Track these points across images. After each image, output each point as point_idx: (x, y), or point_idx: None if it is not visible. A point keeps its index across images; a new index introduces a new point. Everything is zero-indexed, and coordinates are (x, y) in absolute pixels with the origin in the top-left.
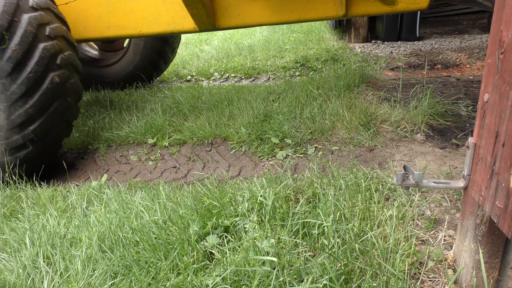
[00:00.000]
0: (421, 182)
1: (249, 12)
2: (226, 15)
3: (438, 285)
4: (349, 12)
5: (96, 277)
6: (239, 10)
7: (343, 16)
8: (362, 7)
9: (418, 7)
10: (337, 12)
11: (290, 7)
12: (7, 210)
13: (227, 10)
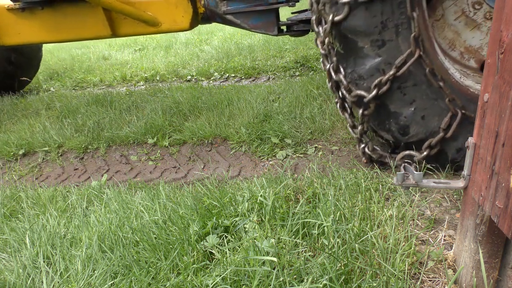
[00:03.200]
0: (421, 182)
1: (28, 31)
2: (7, 34)
3: (438, 285)
4: (118, 32)
5: (96, 277)
6: (18, 29)
7: (112, 36)
8: (129, 28)
9: (180, 27)
10: (107, 33)
11: (66, 28)
12: (7, 210)
13: (7, 29)
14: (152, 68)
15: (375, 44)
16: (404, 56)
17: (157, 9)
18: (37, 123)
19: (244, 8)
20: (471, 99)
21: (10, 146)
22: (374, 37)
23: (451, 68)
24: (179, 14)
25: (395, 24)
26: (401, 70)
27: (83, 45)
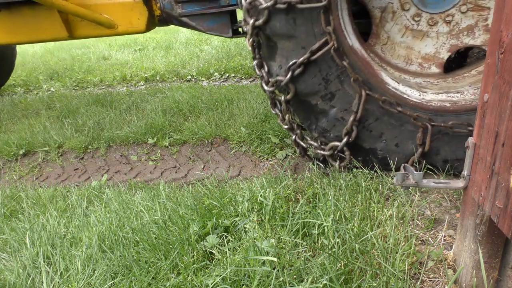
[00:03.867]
0: (421, 182)
1: None
2: None
3: (438, 285)
4: (75, 34)
5: (96, 277)
6: None
7: (69, 38)
8: (86, 30)
9: (136, 30)
10: (64, 35)
11: (24, 30)
12: (7, 210)
13: None
14: (152, 68)
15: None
16: (356, 100)
17: (113, 12)
18: (37, 123)
19: (198, 10)
20: (435, 112)
21: (10, 146)
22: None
23: (408, 91)
24: (134, 17)
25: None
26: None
27: (83, 45)
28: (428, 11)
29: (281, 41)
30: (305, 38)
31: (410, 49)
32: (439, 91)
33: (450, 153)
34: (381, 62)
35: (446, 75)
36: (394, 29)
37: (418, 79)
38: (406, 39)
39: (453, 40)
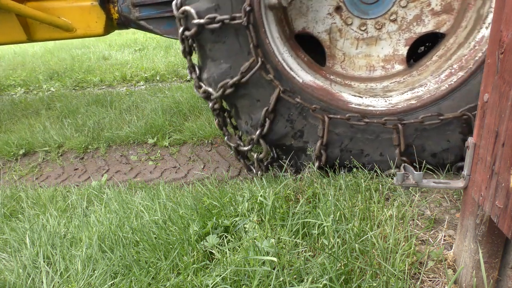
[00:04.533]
0: (421, 182)
1: None
2: None
3: (438, 285)
4: (33, 37)
5: (96, 277)
6: None
7: (28, 40)
8: (45, 33)
9: (94, 33)
10: (22, 37)
11: None
12: (7, 210)
13: None
14: (152, 68)
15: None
16: (320, 126)
17: (71, 15)
18: (37, 123)
19: (155, 14)
20: (404, 112)
21: (10, 146)
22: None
23: (373, 102)
24: (92, 20)
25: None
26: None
27: (83, 45)
28: (371, 17)
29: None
30: (236, 64)
31: (369, 56)
32: (404, 89)
33: (434, 146)
34: (345, 80)
35: (411, 69)
36: (346, 45)
37: (384, 82)
38: (362, 49)
39: (405, 34)
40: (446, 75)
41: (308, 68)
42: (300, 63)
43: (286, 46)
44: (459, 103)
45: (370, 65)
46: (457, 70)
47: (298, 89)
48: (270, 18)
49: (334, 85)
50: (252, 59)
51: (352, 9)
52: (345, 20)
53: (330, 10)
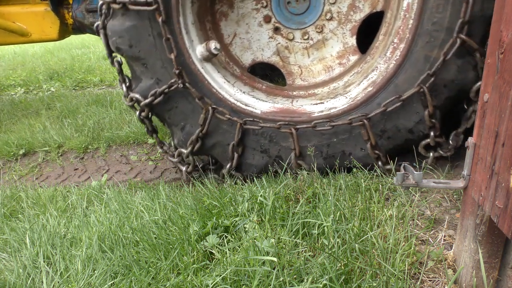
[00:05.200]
0: (421, 182)
1: None
2: None
3: (438, 285)
4: None
5: (96, 277)
6: None
7: None
8: (0, 37)
9: (49, 37)
10: None
11: None
12: (7, 210)
13: None
14: None
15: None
16: (290, 138)
17: (26, 20)
18: (37, 123)
19: None
20: (366, 102)
21: (10, 146)
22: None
23: (335, 103)
24: (47, 25)
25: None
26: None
27: (83, 45)
28: (309, 24)
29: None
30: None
31: (323, 59)
32: (360, 79)
33: (407, 122)
34: (309, 89)
35: (365, 55)
36: (298, 58)
37: (345, 78)
38: (314, 56)
39: (347, 25)
40: (391, 52)
41: (266, 95)
42: (257, 94)
43: (237, 86)
44: (412, 74)
45: (327, 66)
46: (398, 44)
47: (259, 119)
48: (210, 67)
49: (296, 100)
50: (205, 108)
51: (289, 25)
52: (287, 36)
53: (270, 34)
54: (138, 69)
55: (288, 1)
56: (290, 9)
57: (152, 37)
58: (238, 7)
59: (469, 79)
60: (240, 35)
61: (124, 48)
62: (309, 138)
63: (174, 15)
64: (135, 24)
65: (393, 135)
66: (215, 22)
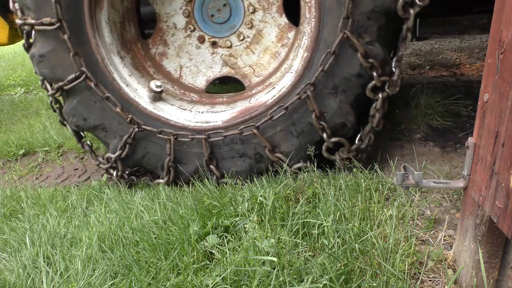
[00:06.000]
0: (421, 182)
1: None
2: None
3: (438, 285)
4: None
5: (96, 277)
6: None
7: None
8: None
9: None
10: None
11: None
12: (7, 210)
13: None
14: None
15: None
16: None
17: None
18: (37, 123)
19: None
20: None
21: (10, 146)
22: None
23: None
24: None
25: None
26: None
27: None
28: (238, 25)
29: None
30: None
31: (267, 49)
32: (298, 50)
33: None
34: (266, 82)
35: (298, 27)
36: (245, 59)
37: (290, 55)
38: (258, 50)
39: (272, 7)
40: (308, 12)
41: (227, 105)
42: (218, 108)
43: (195, 109)
44: (333, 23)
45: (274, 53)
46: (310, 1)
47: (222, 129)
48: (162, 105)
49: (254, 97)
50: (167, 140)
51: (222, 34)
52: (226, 45)
53: (210, 51)
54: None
55: (211, 15)
56: (216, 21)
57: (99, 103)
58: (172, 42)
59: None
60: (186, 64)
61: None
62: (274, 126)
63: (108, 75)
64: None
65: (345, 86)
66: (158, 64)
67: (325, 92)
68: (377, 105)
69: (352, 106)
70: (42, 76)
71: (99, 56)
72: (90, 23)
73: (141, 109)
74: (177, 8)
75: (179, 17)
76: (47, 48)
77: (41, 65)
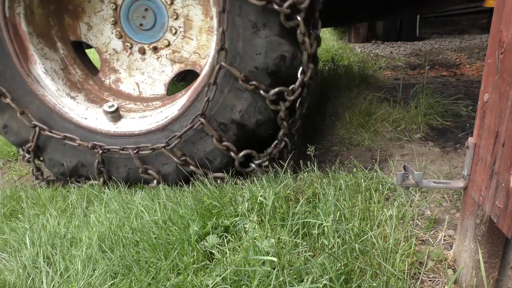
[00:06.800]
0: (421, 182)
1: None
2: None
3: (438, 285)
4: None
5: (96, 277)
6: None
7: None
8: None
9: None
10: None
11: None
12: (7, 210)
13: None
14: None
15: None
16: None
17: None
18: None
19: None
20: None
21: (10, 146)
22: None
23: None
24: None
25: None
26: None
27: None
28: (166, 21)
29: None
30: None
31: (201, 30)
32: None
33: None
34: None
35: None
36: (189, 48)
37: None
38: (194, 35)
39: (199, 6)
40: None
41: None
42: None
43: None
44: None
45: (208, 29)
46: None
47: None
48: (126, 121)
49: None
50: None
51: (157, 37)
52: (165, 44)
53: (155, 56)
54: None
55: (139, 24)
56: (146, 28)
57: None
58: (120, 66)
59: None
60: (141, 80)
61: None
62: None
63: (64, 117)
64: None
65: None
66: (116, 91)
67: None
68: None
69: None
70: (13, 144)
71: (50, 103)
72: (30, 79)
73: (104, 133)
74: (109, 34)
75: (115, 41)
76: (5, 118)
77: (8, 135)
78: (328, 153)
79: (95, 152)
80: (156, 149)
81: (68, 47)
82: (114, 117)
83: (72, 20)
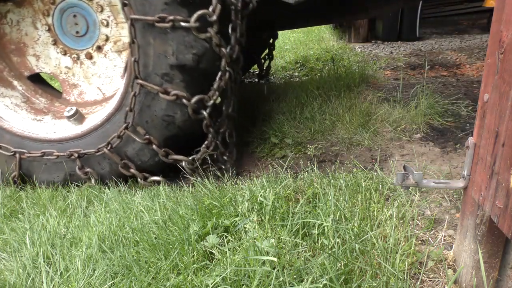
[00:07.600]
0: (421, 182)
1: None
2: None
3: (438, 285)
4: None
5: (96, 277)
6: None
7: None
8: None
9: None
10: None
11: None
12: (7, 210)
13: None
14: None
15: None
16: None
17: None
18: None
19: None
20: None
21: None
22: None
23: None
24: None
25: None
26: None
27: None
28: (97, 25)
29: None
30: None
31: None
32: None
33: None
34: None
35: None
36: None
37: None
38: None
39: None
40: None
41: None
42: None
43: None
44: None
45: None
46: None
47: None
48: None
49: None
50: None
51: (96, 38)
52: (104, 40)
53: (102, 56)
54: None
55: (76, 32)
56: (81, 33)
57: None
58: (77, 80)
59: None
60: (101, 83)
61: None
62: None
63: (34, 138)
64: None
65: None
66: (83, 103)
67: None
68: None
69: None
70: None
71: (18, 131)
72: None
73: (73, 137)
74: (56, 55)
75: (63, 59)
76: None
77: None
78: (328, 153)
79: (74, 158)
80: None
81: (25, 81)
82: (78, 119)
83: (19, 57)
